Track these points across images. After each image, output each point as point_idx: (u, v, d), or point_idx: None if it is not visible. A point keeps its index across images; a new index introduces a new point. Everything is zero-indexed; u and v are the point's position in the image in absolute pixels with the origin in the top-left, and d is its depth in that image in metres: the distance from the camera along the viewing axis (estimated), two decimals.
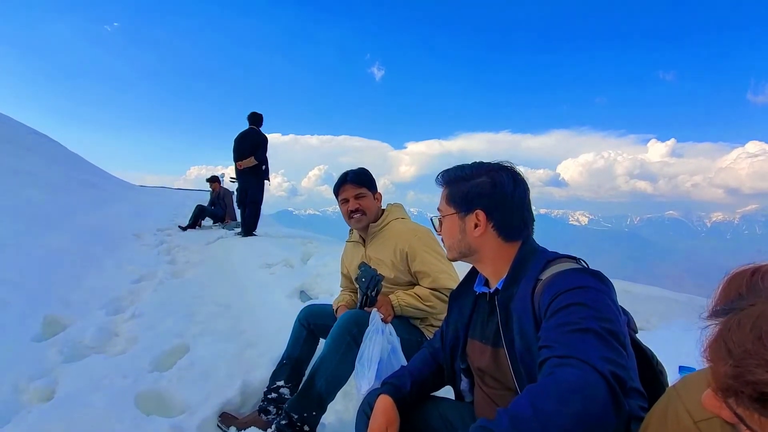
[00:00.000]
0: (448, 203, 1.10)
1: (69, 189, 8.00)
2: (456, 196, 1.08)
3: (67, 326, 2.66)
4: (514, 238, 1.05)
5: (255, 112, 6.23)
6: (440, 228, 1.14)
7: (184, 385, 2.00)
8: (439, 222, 1.14)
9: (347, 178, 1.89)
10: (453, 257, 1.12)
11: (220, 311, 3.06)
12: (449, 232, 1.10)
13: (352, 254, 2.03)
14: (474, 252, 1.07)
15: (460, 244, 1.08)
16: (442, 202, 1.12)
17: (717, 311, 0.47)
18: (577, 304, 0.82)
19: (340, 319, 1.62)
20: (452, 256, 1.12)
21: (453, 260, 1.15)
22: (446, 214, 1.10)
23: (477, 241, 1.06)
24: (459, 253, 1.10)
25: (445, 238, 1.13)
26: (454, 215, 1.08)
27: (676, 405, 0.56)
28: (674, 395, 0.58)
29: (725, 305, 0.46)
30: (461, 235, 1.07)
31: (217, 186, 8.53)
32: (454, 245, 1.10)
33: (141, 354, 2.29)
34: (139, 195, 12.25)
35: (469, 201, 1.06)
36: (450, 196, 1.09)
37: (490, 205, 1.04)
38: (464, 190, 1.06)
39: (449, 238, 1.11)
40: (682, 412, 0.55)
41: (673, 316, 2.27)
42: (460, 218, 1.07)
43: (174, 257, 4.99)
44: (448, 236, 1.11)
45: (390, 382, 1.17)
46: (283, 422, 1.57)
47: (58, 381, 1.97)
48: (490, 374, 1.04)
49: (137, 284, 3.70)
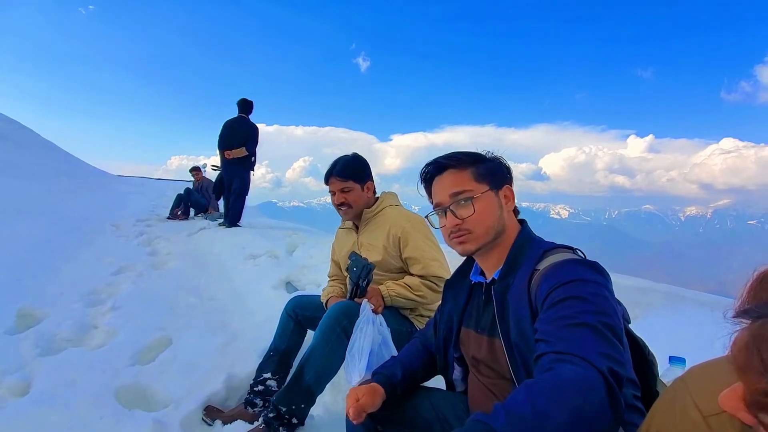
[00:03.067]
0: (479, 181, 1.03)
1: (43, 177, 7.71)
2: (485, 173, 1.04)
3: (41, 319, 2.55)
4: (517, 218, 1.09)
5: (245, 99, 6.00)
6: (473, 210, 1.00)
7: (166, 379, 1.95)
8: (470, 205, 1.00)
9: (333, 171, 1.85)
10: (481, 243, 1.01)
11: (204, 303, 3.00)
12: (489, 210, 1.02)
13: (344, 241, 2.00)
14: (503, 232, 1.03)
15: (499, 221, 1.03)
16: (470, 182, 1.02)
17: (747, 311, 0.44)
18: (575, 298, 0.82)
19: (330, 310, 1.59)
20: (481, 241, 1.01)
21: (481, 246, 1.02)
22: (480, 193, 1.02)
23: (508, 218, 1.05)
24: (494, 233, 1.02)
25: (482, 219, 1.01)
26: (489, 192, 1.03)
27: (683, 398, 0.55)
28: (682, 387, 0.56)
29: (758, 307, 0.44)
30: (500, 211, 1.03)
31: (200, 176, 8.34)
32: (493, 225, 1.02)
33: (121, 347, 2.22)
34: (117, 185, 11.90)
35: (499, 176, 1.05)
36: (478, 174, 1.03)
37: (510, 182, 1.08)
38: (490, 166, 1.05)
39: (489, 218, 1.01)
40: (690, 405, 0.53)
41: (656, 305, 2.33)
42: (495, 194, 1.04)
43: (155, 248, 4.85)
44: (489, 215, 1.02)
45: (380, 372, 1.16)
46: (270, 415, 1.55)
47: (34, 375, 1.89)
48: (485, 363, 1.04)
49: (116, 276, 3.58)
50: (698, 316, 2.19)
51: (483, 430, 0.66)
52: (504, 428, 0.65)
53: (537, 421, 0.65)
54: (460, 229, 1.02)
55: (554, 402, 0.66)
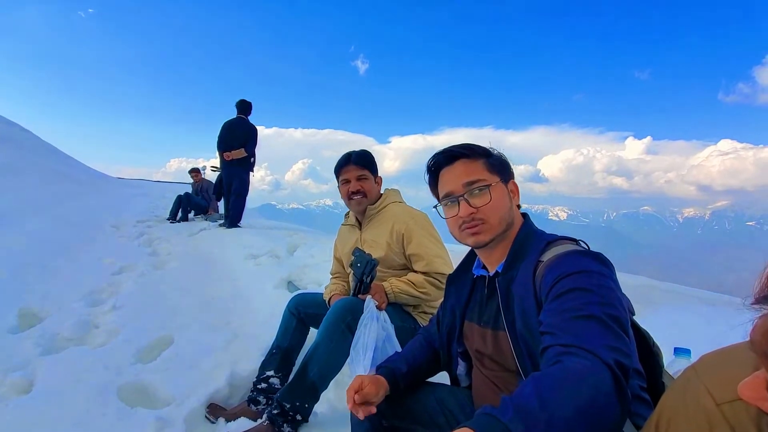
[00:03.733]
0: (492, 172, 1.04)
1: (43, 179, 7.70)
2: (496, 164, 1.05)
3: (43, 318, 2.55)
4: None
5: (244, 100, 6.01)
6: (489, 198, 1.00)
7: (169, 377, 1.95)
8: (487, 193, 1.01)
9: (351, 159, 1.85)
10: (493, 234, 1.01)
11: (206, 302, 2.99)
12: (501, 200, 1.02)
13: (347, 237, 1.99)
14: (512, 225, 1.04)
15: (510, 212, 1.04)
16: (483, 172, 1.03)
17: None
18: (580, 289, 0.82)
19: (334, 307, 1.59)
20: (493, 233, 1.01)
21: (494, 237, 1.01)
22: (494, 183, 1.02)
23: (516, 211, 1.06)
24: (506, 224, 1.03)
25: (497, 208, 1.02)
26: (500, 183, 1.04)
27: (695, 386, 0.54)
28: (693, 376, 0.55)
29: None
30: (510, 203, 1.05)
31: (199, 177, 8.34)
32: (505, 216, 1.02)
33: (123, 346, 2.22)
34: (116, 187, 11.89)
35: (506, 170, 1.07)
36: (491, 165, 1.05)
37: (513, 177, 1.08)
38: (498, 159, 1.06)
39: (501, 209, 1.02)
40: (703, 393, 0.52)
41: (658, 302, 2.33)
42: (505, 186, 1.05)
43: (155, 249, 4.84)
44: (501, 205, 1.02)
45: (385, 366, 1.16)
46: (274, 411, 1.55)
47: (36, 374, 1.89)
48: (490, 356, 1.03)
49: (117, 276, 3.58)
50: (701, 312, 2.19)
51: (492, 423, 0.65)
52: (512, 422, 0.64)
53: (545, 415, 0.64)
54: (474, 218, 1.01)
55: (562, 395, 0.66)
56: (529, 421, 0.64)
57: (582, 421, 0.65)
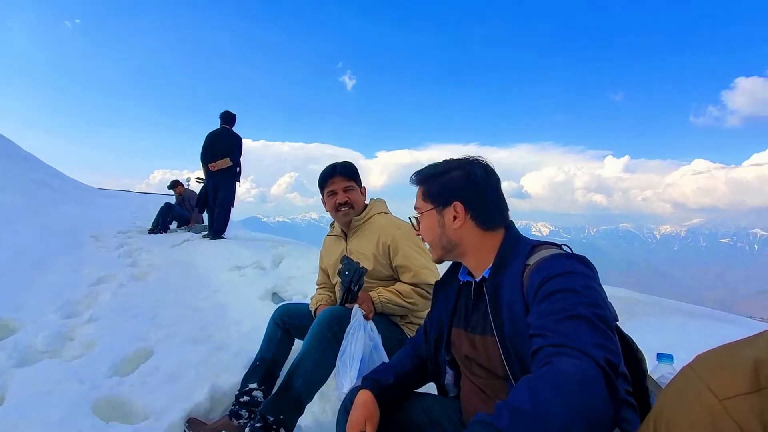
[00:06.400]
0: (425, 199, 1.10)
1: (21, 188, 7.48)
2: (432, 192, 1.09)
3: (16, 330, 2.45)
4: (493, 225, 1.06)
5: (228, 111, 6.01)
6: (419, 226, 1.13)
7: (147, 391, 1.87)
8: (417, 221, 1.13)
9: (336, 170, 1.84)
10: (437, 256, 1.11)
11: (187, 314, 2.92)
12: (429, 228, 1.09)
13: (333, 248, 1.98)
14: (456, 246, 1.07)
15: (441, 239, 1.07)
16: (419, 200, 1.12)
17: None
18: (567, 290, 0.83)
19: (321, 316, 1.57)
20: (436, 255, 1.11)
21: (438, 260, 1.13)
22: (424, 211, 1.10)
23: (457, 234, 1.06)
24: (442, 249, 1.08)
25: (425, 236, 1.12)
26: (432, 211, 1.08)
27: (695, 384, 0.53)
28: (691, 375, 0.55)
29: None
30: (441, 229, 1.07)
31: (181, 189, 8.21)
32: (435, 241, 1.09)
33: (99, 359, 2.14)
34: (97, 197, 11.60)
35: (445, 194, 1.07)
36: (426, 193, 1.10)
37: (467, 196, 1.05)
38: (440, 184, 1.08)
39: (430, 234, 1.10)
40: (704, 391, 0.52)
41: (641, 314, 2.37)
42: (438, 213, 1.07)
43: (135, 260, 4.71)
44: (429, 232, 1.10)
45: (371, 377, 1.15)
46: (257, 425, 1.50)
47: (8, 386, 1.81)
48: (478, 363, 1.03)
49: (95, 287, 3.46)
50: (683, 323, 2.23)
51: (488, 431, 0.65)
52: (508, 428, 0.64)
53: (540, 417, 0.64)
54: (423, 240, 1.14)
55: (556, 396, 0.66)
56: (525, 424, 0.64)
57: (577, 420, 0.65)
